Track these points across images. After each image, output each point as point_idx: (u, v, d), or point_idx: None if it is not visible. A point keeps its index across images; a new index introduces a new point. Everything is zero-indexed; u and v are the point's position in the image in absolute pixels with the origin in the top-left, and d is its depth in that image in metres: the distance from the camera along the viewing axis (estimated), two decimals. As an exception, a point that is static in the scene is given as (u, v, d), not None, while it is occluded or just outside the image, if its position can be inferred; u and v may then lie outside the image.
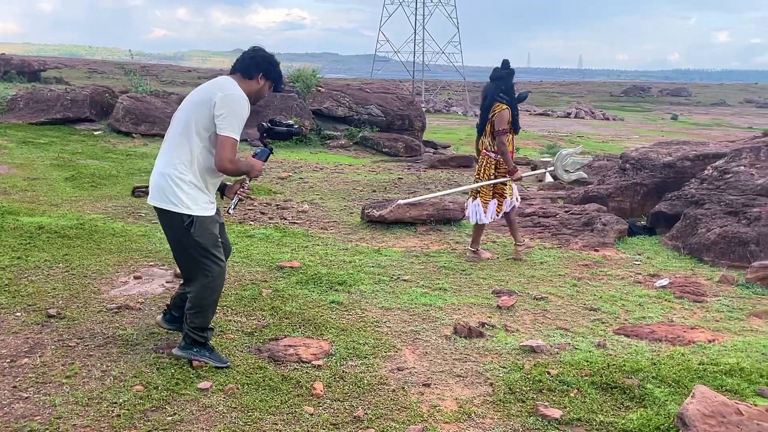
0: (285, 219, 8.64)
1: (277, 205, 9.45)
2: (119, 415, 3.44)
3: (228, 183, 4.20)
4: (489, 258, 7.15)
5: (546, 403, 3.72)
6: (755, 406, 3.53)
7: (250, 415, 3.51)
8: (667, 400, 3.77)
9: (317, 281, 5.84)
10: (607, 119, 42.00)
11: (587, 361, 4.32)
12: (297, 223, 8.42)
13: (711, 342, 4.82)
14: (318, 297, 5.46)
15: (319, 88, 19.08)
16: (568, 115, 43.07)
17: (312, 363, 4.17)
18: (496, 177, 7.08)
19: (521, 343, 4.62)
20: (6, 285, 5.29)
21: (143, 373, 3.91)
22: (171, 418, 3.46)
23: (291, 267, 6.21)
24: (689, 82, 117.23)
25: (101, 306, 5.01)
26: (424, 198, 8.16)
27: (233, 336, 4.55)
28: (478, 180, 7.19)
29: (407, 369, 4.19)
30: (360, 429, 3.44)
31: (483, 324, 5.01)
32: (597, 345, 4.69)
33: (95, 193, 9.33)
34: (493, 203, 7.12)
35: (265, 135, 4.22)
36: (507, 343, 4.67)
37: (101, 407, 3.51)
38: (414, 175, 13.33)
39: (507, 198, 7.15)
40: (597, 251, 7.55)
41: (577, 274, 6.65)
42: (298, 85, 18.72)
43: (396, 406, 3.69)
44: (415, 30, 60.72)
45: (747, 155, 8.52)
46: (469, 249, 7.24)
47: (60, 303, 5.01)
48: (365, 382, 3.95)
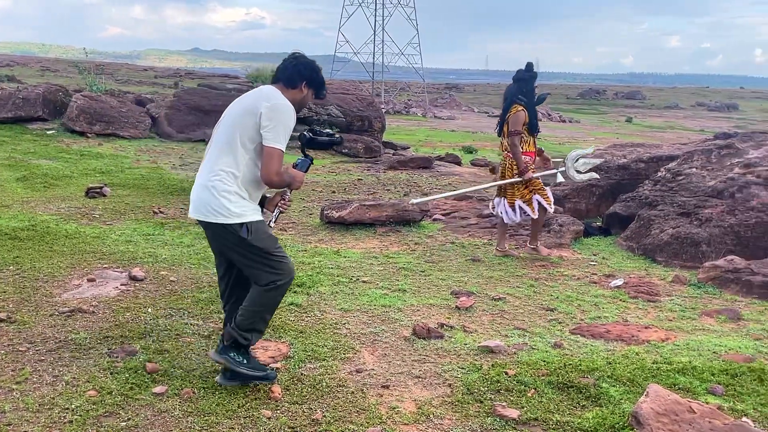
0: (243, 220, 8.54)
1: (235, 206, 9.34)
2: (71, 422, 3.37)
3: (267, 195, 4.03)
4: (517, 256, 7.40)
5: (504, 404, 3.75)
6: (707, 404, 3.61)
7: (206, 420, 3.46)
8: (622, 398, 3.83)
9: (276, 283, 5.79)
10: (564, 121, 42.60)
11: (544, 361, 4.37)
12: (255, 225, 8.34)
13: (664, 341, 4.91)
14: (276, 299, 5.41)
15: (279, 88, 18.94)
16: (525, 117, 43.50)
17: (270, 366, 4.12)
18: (519, 175, 7.24)
19: (479, 344, 4.65)
20: (-47, 288, 5.14)
21: (96, 378, 3.83)
22: (125, 423, 3.39)
23: (249, 269, 6.14)
24: (643, 85, 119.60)
25: (53, 309, 4.90)
26: (434, 198, 8.09)
27: (190, 339, 4.49)
28: (502, 178, 7.36)
29: (366, 371, 4.18)
30: (318, 432, 3.42)
31: (442, 325, 5.03)
32: (554, 345, 4.74)
33: (48, 194, 9.13)
34: (534, 200, 7.23)
35: (307, 145, 4.06)
36: (465, 344, 4.69)
37: (53, 413, 3.43)
38: (374, 176, 13.33)
39: (506, 200, 7.31)
40: (554, 252, 7.64)
41: (535, 274, 6.72)
42: (257, 85, 18.57)
43: (354, 408, 3.68)
44: (375, 31, 60.80)
45: (699, 157, 8.71)
46: (497, 250, 7.48)
47: (10, 306, 4.89)
48: (324, 384, 3.94)
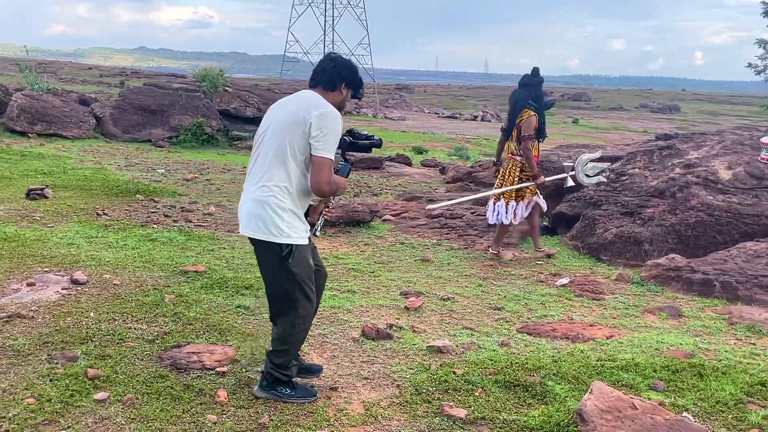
0: (190, 222, 8.43)
1: (182, 208, 9.21)
2: (8, 431, 3.26)
3: (311, 203, 3.91)
4: (511, 258, 7.45)
5: (451, 403, 3.76)
6: (649, 400, 3.69)
7: (149, 426, 3.39)
8: (567, 396, 3.88)
9: (223, 285, 5.72)
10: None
11: (491, 360, 4.41)
12: (203, 226, 8.23)
13: (608, 338, 5.00)
14: (223, 302, 5.35)
15: (227, 88, 18.75)
16: (475, 118, 43.91)
17: (216, 370, 4.07)
18: (521, 179, 7.32)
19: (428, 344, 4.67)
20: None
21: (35, 385, 3.72)
22: (65, 431, 3.30)
23: (196, 271, 6.06)
24: (589, 87, 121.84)
25: (-10, 315, 4.74)
26: (450, 203, 8.05)
27: (133, 344, 4.39)
28: (502, 182, 7.42)
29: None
30: (265, 436, 3.39)
31: (391, 325, 5.03)
32: (501, 344, 4.79)
33: (-15, 196, 8.84)
34: (512, 205, 7.37)
35: (347, 149, 3.94)
36: (414, 344, 4.70)
37: (-12, 423, 3.32)
38: (323, 177, 13.26)
39: (525, 200, 7.40)
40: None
41: (483, 274, 6.78)
42: (204, 85, 18.34)
43: (302, 411, 3.65)
44: (325, 31, 60.68)
45: (641, 158, 8.91)
46: (491, 250, 7.52)
47: (-56, 313, 4.71)
48: (271, 387, 3.89)
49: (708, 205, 7.46)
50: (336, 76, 3.75)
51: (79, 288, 5.46)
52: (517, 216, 7.41)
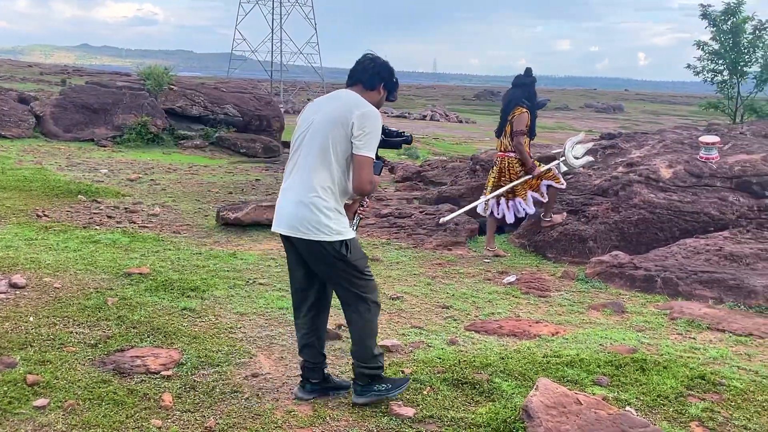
0: (134, 223, 8.26)
1: (126, 208, 9.02)
2: (-59, 442, 3.15)
3: (345, 202, 3.85)
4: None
5: (400, 402, 3.77)
6: (593, 395, 3.75)
7: (92, 433, 3.31)
8: (514, 393, 3.92)
9: (168, 287, 5.62)
10: (461, 122, 43.49)
11: (440, 359, 4.43)
12: (147, 227, 8.08)
13: (554, 335, 5.08)
14: (169, 304, 5.25)
15: (172, 86, 18.46)
16: (423, 118, 44.16)
17: (161, 374, 3.99)
18: (525, 174, 7.55)
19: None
20: None
21: (-29, 394, 3.59)
22: (2, 440, 3.20)
23: (140, 273, 5.94)
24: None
25: None
26: (460, 212, 8.03)
27: (74, 349, 4.27)
28: (502, 180, 7.62)
29: (262, 375, 4.11)
30: (211, 440, 3.34)
31: (339, 326, 5.01)
32: (449, 342, 4.82)
33: None
34: (531, 194, 7.64)
35: (379, 146, 3.84)
36: (363, 344, 4.69)
37: None
38: (272, 177, 13.18)
39: (519, 198, 7.65)
40: (450, 250, 7.78)
41: (432, 273, 6.82)
42: (149, 83, 18.02)
43: (250, 413, 3.61)
44: (272, 29, 60.20)
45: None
46: (487, 248, 7.77)
47: None
48: (218, 390, 3.84)
49: (650, 203, 7.64)
50: (376, 75, 3.76)
51: (18, 292, 5.29)
52: (508, 215, 7.67)
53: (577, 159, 7.93)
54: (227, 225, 8.18)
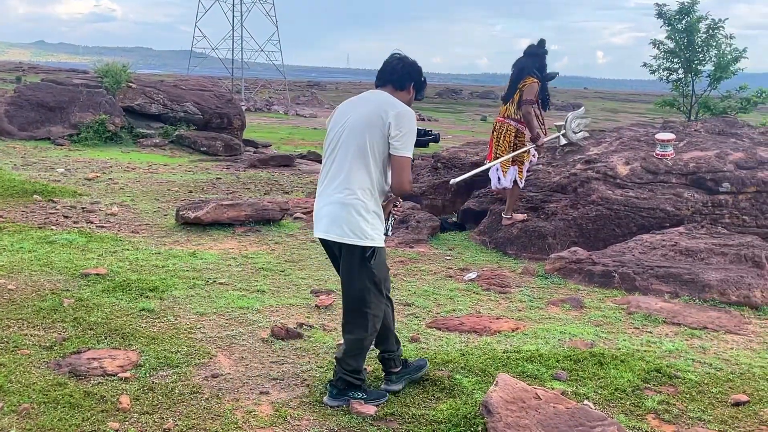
0: (92, 223, 8.12)
1: (83, 208, 8.87)
2: None
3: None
4: (522, 219, 7.93)
5: (361, 401, 3.77)
6: (552, 389, 3.80)
7: (47, 437, 3.24)
8: (475, 389, 3.95)
9: (126, 288, 5.53)
10: (423, 119, 43.59)
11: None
12: (105, 227, 7.95)
13: (514, 331, 5.12)
14: (127, 305, 5.18)
15: (131, 84, 18.18)
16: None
17: (118, 375, 3.93)
18: (515, 144, 7.64)
19: (338, 342, 4.65)
20: None
21: None
22: (-47, 447, 3.12)
23: (97, 274, 5.84)
24: (497, 85, 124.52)
25: None
26: (470, 175, 8.03)
27: (29, 351, 4.19)
28: (496, 146, 7.76)
29: (222, 375, 4.08)
30: (170, 442, 3.30)
31: (301, 324, 5.00)
32: (411, 339, 4.83)
33: None
34: (514, 169, 7.71)
35: None
36: (325, 343, 4.68)
37: None
38: (233, 175, 13.07)
39: (526, 164, 7.79)
40: (412, 248, 7.80)
41: (393, 270, 6.82)
42: (107, 81, 17.73)
43: (209, 414, 3.58)
44: (233, 26, 59.65)
45: (544, 154, 9.17)
46: (504, 216, 7.91)
47: None
48: (177, 392, 3.80)
49: (607, 200, 7.76)
50: (406, 75, 3.79)
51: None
52: (510, 179, 7.77)
53: (576, 134, 8.14)
54: (187, 224, 8.09)
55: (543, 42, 7.79)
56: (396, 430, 3.53)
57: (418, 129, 3.88)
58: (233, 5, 59.64)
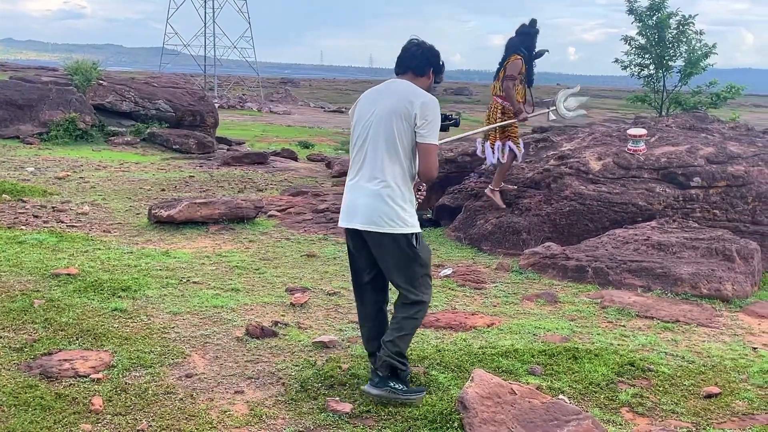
0: (62, 222, 8.01)
1: (54, 207, 8.74)
2: None
3: None
4: (510, 190, 8.19)
5: (337, 398, 3.76)
6: (527, 384, 3.82)
7: (17, 441, 3.19)
8: (450, 384, 3.96)
9: (98, 288, 5.46)
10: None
11: (377, 353, 4.43)
12: (76, 227, 7.84)
13: (489, 326, 5.14)
14: (98, 305, 5.11)
15: (101, 81, 17.96)
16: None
17: (91, 377, 3.88)
18: (503, 121, 7.79)
19: (314, 340, 4.64)
20: None
21: None
22: None
23: (68, 274, 5.76)
24: (470, 81, 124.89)
25: None
26: (459, 137, 8.24)
27: (-1, 354, 4.12)
28: (487, 123, 8.00)
29: (196, 375, 4.04)
30: (144, 443, 3.26)
31: (276, 323, 4.97)
32: (386, 336, 4.82)
33: None
34: (500, 145, 7.86)
35: None
36: (300, 341, 4.66)
37: None
38: (207, 173, 12.96)
39: (521, 141, 7.99)
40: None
41: (369, 267, 6.81)
42: (77, 78, 17.51)
43: (183, 415, 3.54)
44: (206, 23, 59.10)
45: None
46: (488, 190, 8.10)
47: None
48: (150, 392, 3.75)
49: (580, 195, 7.81)
50: (425, 61, 3.83)
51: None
52: (498, 155, 7.89)
53: (570, 111, 8.17)
54: (160, 223, 8.01)
55: (534, 21, 7.95)
56: (372, 427, 3.52)
57: (441, 114, 3.93)
58: (205, 2, 59.12)
